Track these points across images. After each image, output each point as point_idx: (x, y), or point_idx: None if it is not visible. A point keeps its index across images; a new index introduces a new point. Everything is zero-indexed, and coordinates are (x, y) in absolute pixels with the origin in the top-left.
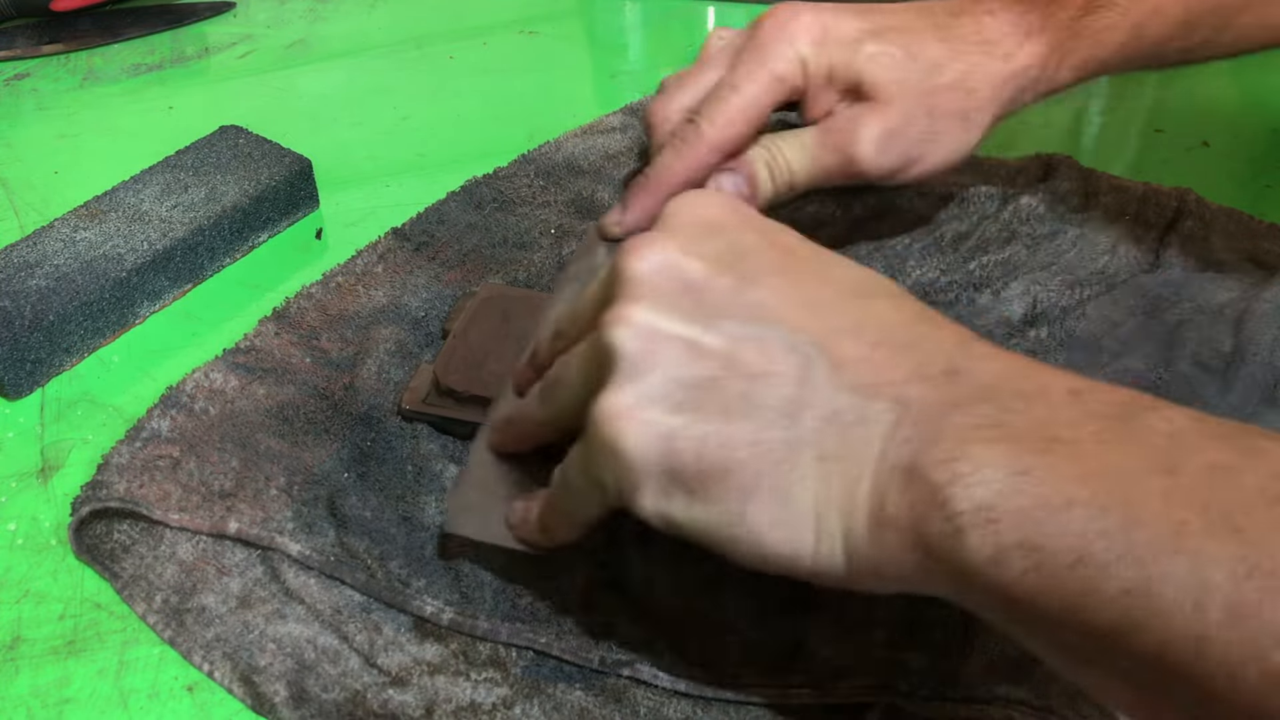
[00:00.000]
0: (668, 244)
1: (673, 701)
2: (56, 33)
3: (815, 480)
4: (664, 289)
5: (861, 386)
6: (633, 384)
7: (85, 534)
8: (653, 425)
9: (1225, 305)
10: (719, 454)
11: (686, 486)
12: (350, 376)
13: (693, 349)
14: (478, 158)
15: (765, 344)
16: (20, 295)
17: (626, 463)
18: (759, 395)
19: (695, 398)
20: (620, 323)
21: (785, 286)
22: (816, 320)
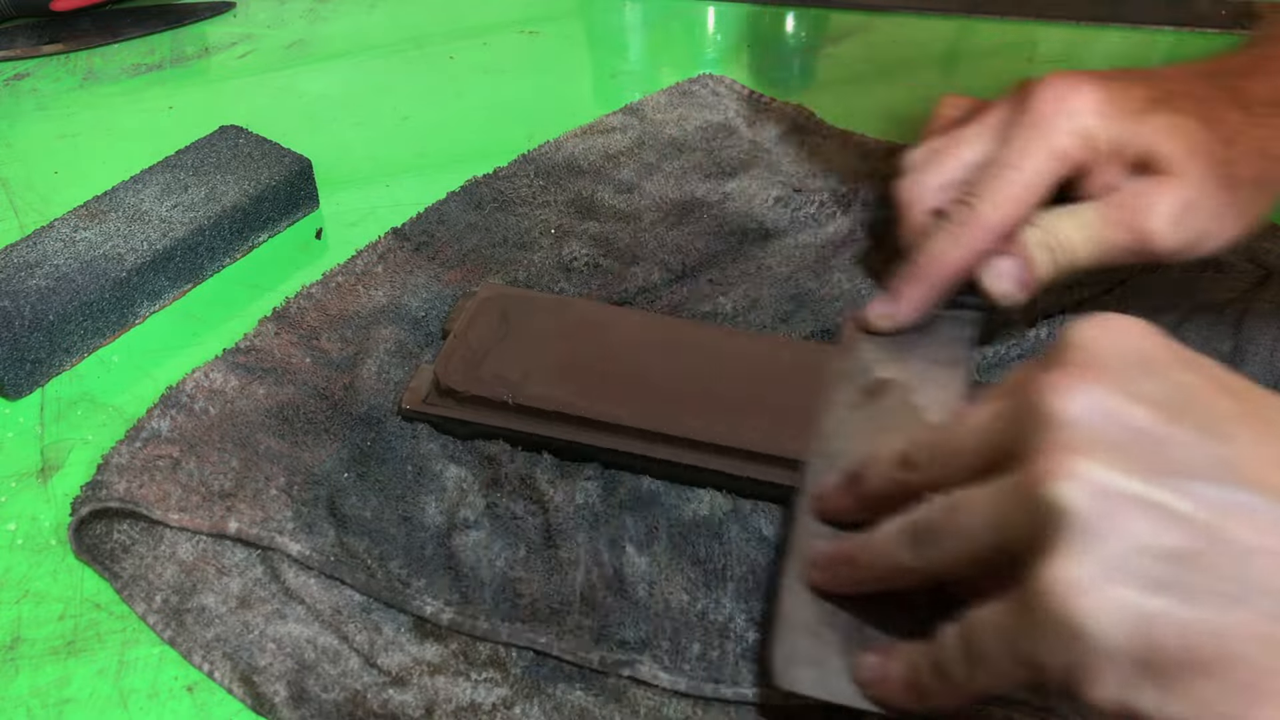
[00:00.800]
0: (1101, 383)
1: (673, 701)
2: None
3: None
4: (1110, 439)
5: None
6: (1092, 553)
7: (85, 534)
8: (1125, 604)
9: (1225, 305)
10: (1215, 645)
11: (1164, 679)
12: (350, 376)
13: (1164, 516)
14: (478, 158)
15: (1256, 515)
16: (20, 295)
17: (1089, 645)
18: (1259, 577)
19: (1175, 575)
20: (1066, 477)
21: (1256, 440)
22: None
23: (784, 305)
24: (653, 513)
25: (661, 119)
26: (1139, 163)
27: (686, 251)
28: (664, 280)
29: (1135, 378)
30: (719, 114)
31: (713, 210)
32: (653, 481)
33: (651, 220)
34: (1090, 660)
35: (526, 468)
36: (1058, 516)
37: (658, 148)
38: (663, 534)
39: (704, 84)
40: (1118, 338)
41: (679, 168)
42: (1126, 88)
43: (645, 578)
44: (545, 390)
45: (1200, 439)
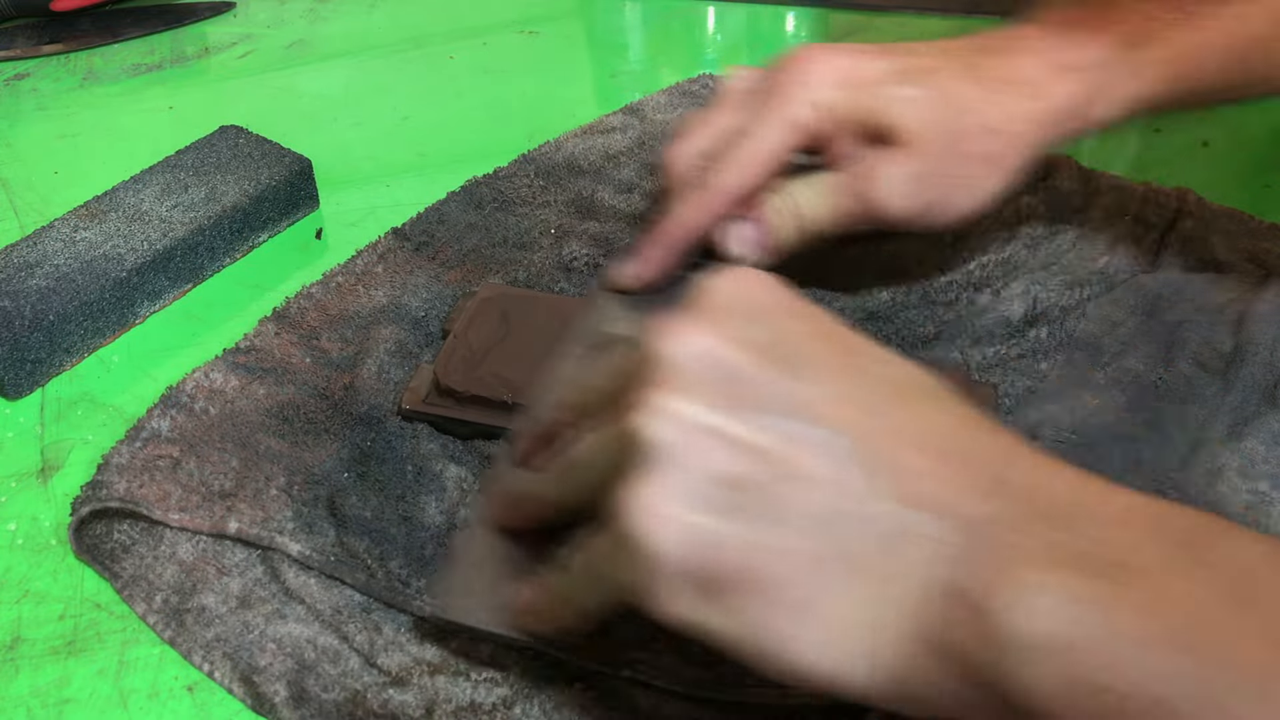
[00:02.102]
0: (707, 328)
1: (673, 701)
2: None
3: (848, 596)
4: (702, 377)
5: (905, 496)
6: (663, 478)
7: (85, 534)
8: (681, 525)
9: (1225, 305)
10: (750, 560)
11: (710, 592)
12: (350, 376)
13: (731, 445)
14: (478, 158)
15: (809, 444)
16: (20, 295)
17: (650, 563)
18: (797, 500)
19: (731, 499)
20: (653, 411)
21: (831, 382)
22: (862, 421)
23: None
24: None
25: (661, 119)
26: (875, 134)
27: None
28: None
29: (741, 324)
30: None
31: None
32: None
33: None
34: (654, 577)
35: None
36: (638, 445)
37: (658, 148)
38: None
39: (704, 84)
40: (738, 287)
41: None
42: (868, 60)
43: None
44: None
45: (781, 378)
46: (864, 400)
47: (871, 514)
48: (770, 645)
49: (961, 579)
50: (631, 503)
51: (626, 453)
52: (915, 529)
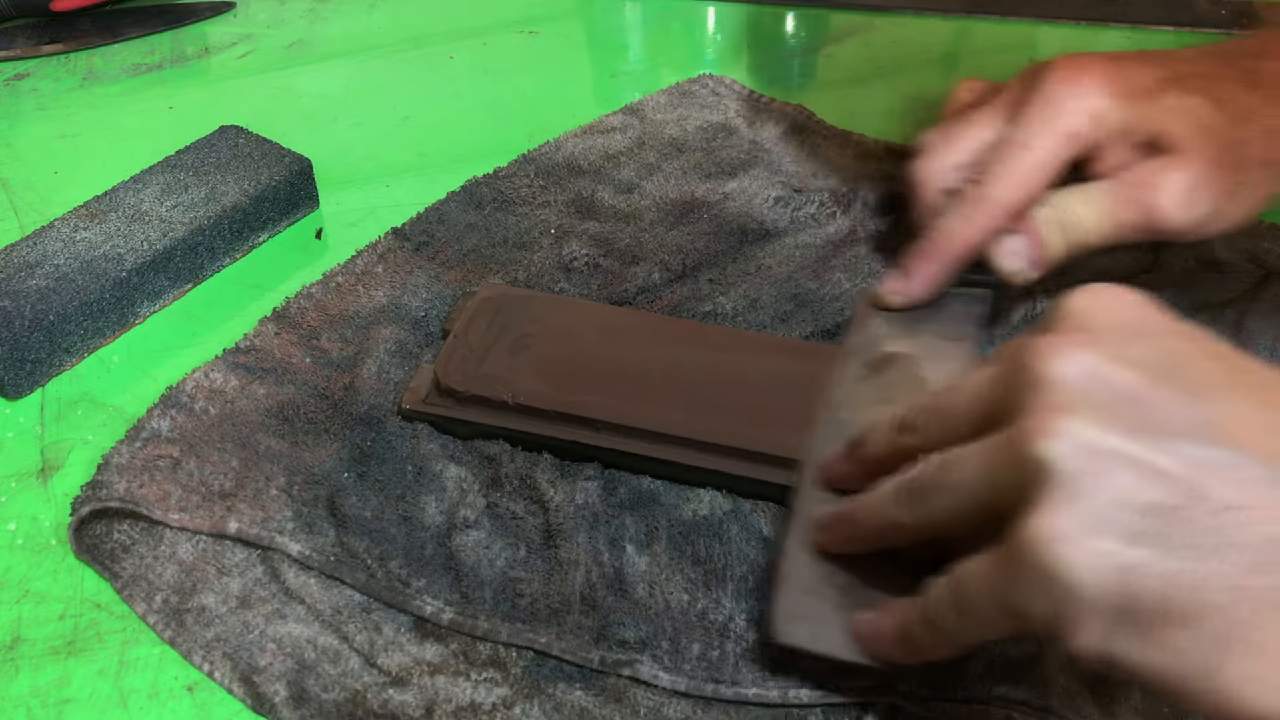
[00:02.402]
0: (1090, 346)
1: (673, 701)
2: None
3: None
4: (1098, 399)
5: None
6: (1075, 506)
7: (85, 534)
8: (1106, 555)
9: (1225, 305)
10: (1192, 596)
11: (1143, 629)
12: (350, 376)
13: (1148, 472)
14: (478, 158)
15: (1235, 471)
16: (20, 295)
17: (1069, 594)
18: (1236, 532)
19: (1154, 528)
20: (1052, 435)
21: (1240, 404)
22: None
23: (784, 305)
24: (653, 513)
25: (661, 119)
26: (1149, 143)
27: (686, 251)
28: (664, 280)
29: (1125, 343)
30: (719, 114)
31: (713, 210)
32: (653, 481)
33: (651, 220)
34: (1072, 609)
35: (526, 468)
36: (1043, 471)
37: (658, 148)
38: (663, 534)
39: (704, 84)
40: (1110, 305)
41: (679, 168)
42: (1136, 68)
43: (645, 578)
44: (545, 390)
45: (1184, 401)
46: (1276, 422)
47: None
48: (1215, 685)
49: None
50: (1042, 532)
51: (1025, 475)
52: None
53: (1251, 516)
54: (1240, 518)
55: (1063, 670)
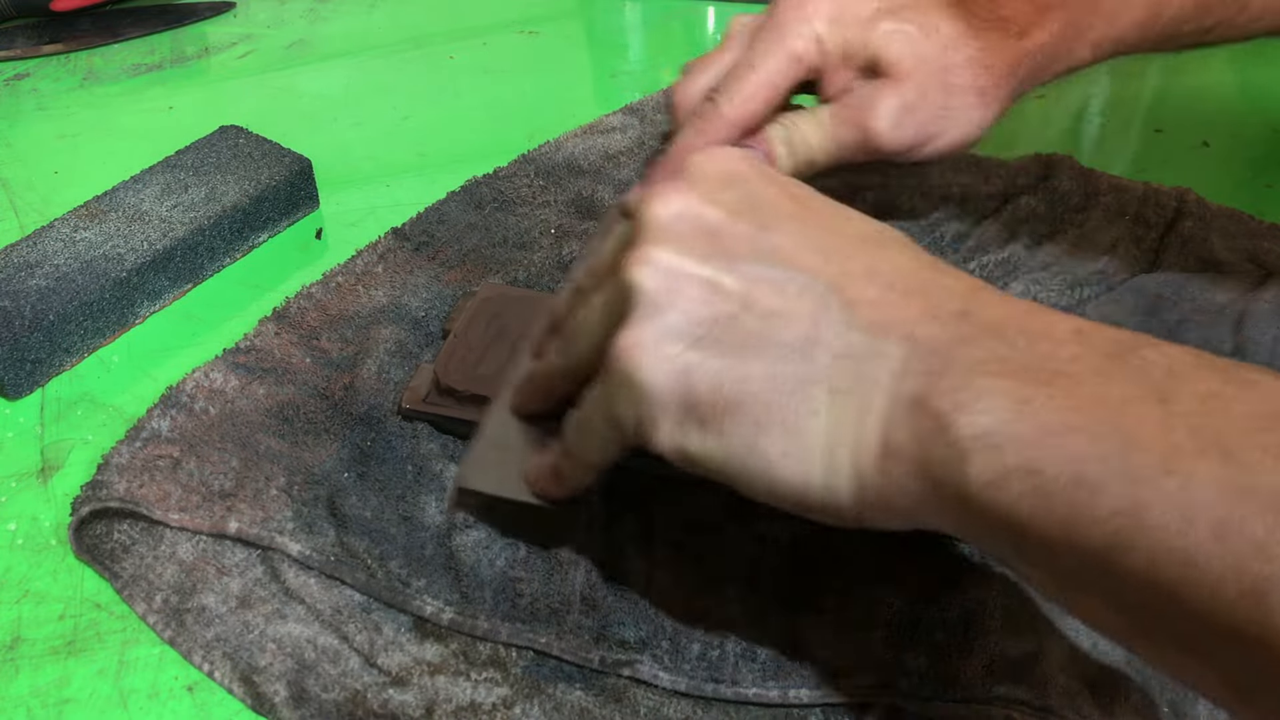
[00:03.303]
0: (688, 192)
1: (673, 701)
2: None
3: (826, 414)
4: (684, 233)
5: (873, 325)
6: (652, 320)
7: (85, 534)
8: (671, 359)
9: (1225, 305)
10: (734, 388)
11: (702, 419)
12: (350, 376)
13: (711, 289)
14: (478, 158)
15: (781, 285)
16: (20, 295)
17: (645, 395)
18: (774, 333)
19: (713, 334)
20: (642, 263)
21: (801, 232)
22: (831, 264)
23: None
24: (653, 513)
25: (661, 119)
26: (867, 67)
27: None
28: None
29: (717, 188)
30: None
31: None
32: (653, 481)
33: None
34: (650, 408)
35: None
36: (632, 294)
37: (658, 148)
38: (663, 534)
39: None
40: (716, 159)
41: None
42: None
43: (645, 578)
44: None
45: (754, 231)
46: (834, 247)
47: (845, 342)
48: (757, 464)
49: (922, 390)
50: (624, 344)
51: (620, 305)
52: (883, 352)
53: (787, 320)
54: (779, 322)
55: (1063, 670)
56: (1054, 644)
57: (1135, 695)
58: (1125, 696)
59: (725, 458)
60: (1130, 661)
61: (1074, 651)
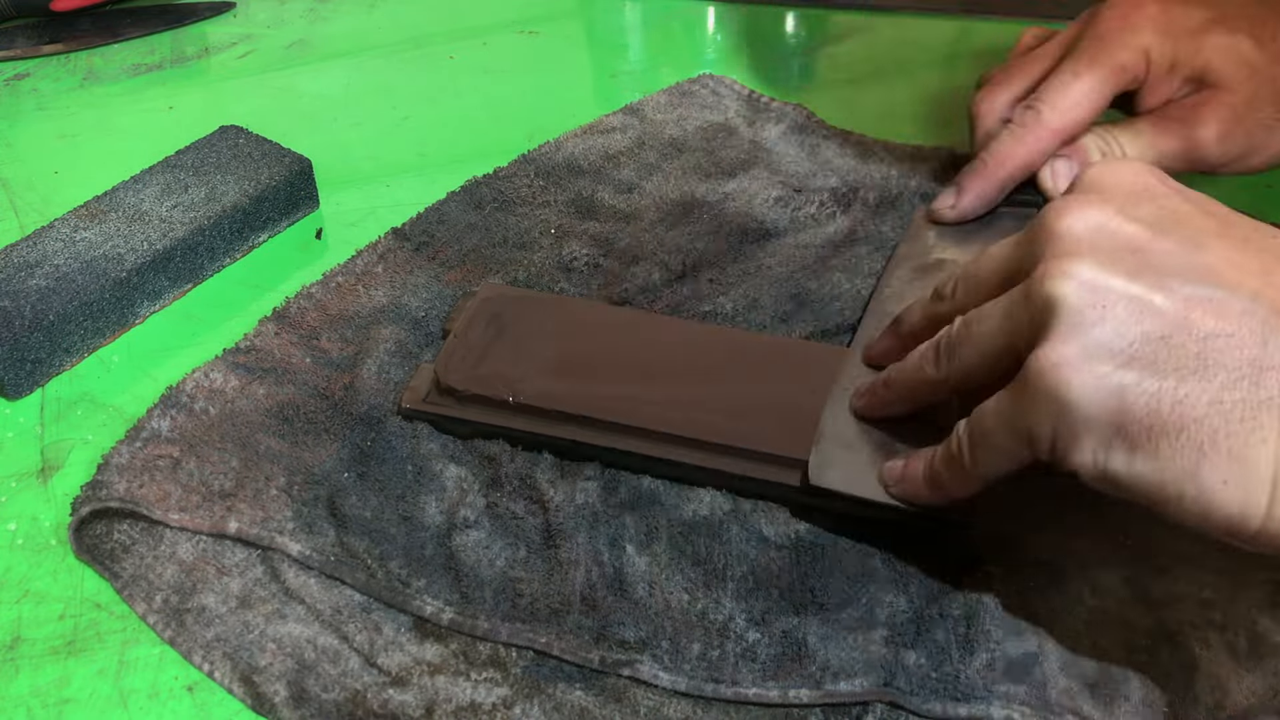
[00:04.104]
0: (1104, 205)
1: (673, 701)
2: (56, 33)
3: (1275, 443)
4: (1104, 247)
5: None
6: (1079, 336)
7: (85, 534)
8: (1103, 378)
9: None
10: (1175, 411)
11: (1133, 442)
12: (350, 376)
13: (1142, 307)
14: (478, 158)
15: (1221, 306)
16: (20, 295)
17: (1071, 413)
18: (1217, 356)
19: (1146, 354)
20: (1062, 276)
21: (1232, 251)
22: (1269, 285)
23: (784, 305)
24: (653, 513)
25: (661, 119)
26: (1194, 78)
27: (686, 251)
28: (664, 280)
29: (1131, 203)
30: (719, 114)
31: (713, 210)
32: (653, 481)
33: (651, 220)
34: (1071, 426)
35: (526, 467)
36: (1052, 308)
37: (658, 148)
38: (663, 534)
39: (704, 84)
40: (1121, 173)
41: (679, 168)
42: (1185, 9)
43: (645, 578)
44: (545, 389)
45: (1180, 249)
46: (1269, 268)
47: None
48: (1193, 491)
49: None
50: (1049, 359)
51: (1037, 315)
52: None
53: (1231, 342)
54: (1221, 344)
55: (1063, 670)
56: (1054, 644)
57: (1135, 695)
58: (1125, 696)
59: (1157, 483)
60: (1130, 661)
61: (1074, 651)
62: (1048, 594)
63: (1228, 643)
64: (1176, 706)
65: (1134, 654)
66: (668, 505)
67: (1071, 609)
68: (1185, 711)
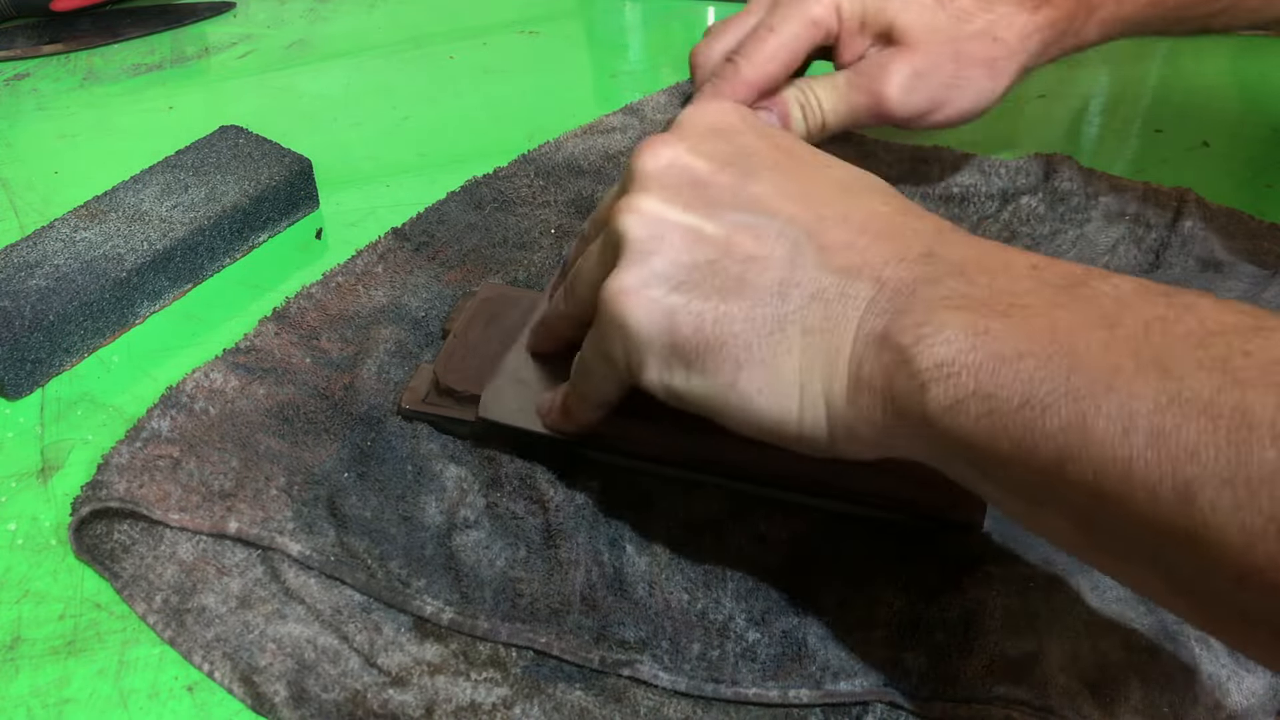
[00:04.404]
0: (677, 144)
1: (673, 701)
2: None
3: (801, 352)
4: (671, 182)
5: (845, 268)
6: (639, 266)
7: (85, 534)
8: (656, 302)
9: None
10: (715, 328)
11: (686, 359)
12: (350, 376)
13: (695, 236)
14: (478, 158)
15: (760, 231)
16: (20, 295)
17: (633, 336)
18: (752, 277)
19: (696, 278)
20: (630, 211)
21: (781, 181)
22: (808, 210)
23: None
24: (653, 513)
25: (661, 119)
26: (882, 35)
27: None
28: None
29: (704, 140)
30: None
31: None
32: (653, 481)
33: None
34: (638, 349)
35: (526, 467)
36: (620, 241)
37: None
38: (663, 534)
39: None
40: (705, 113)
41: None
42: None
43: (645, 578)
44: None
45: (736, 181)
46: (812, 195)
47: (818, 284)
48: (738, 400)
49: (887, 327)
50: (613, 288)
51: (612, 253)
52: (853, 293)
53: (766, 264)
54: (758, 266)
55: (1063, 670)
56: (1054, 644)
57: (1135, 695)
58: (1125, 697)
59: (709, 394)
60: (1130, 661)
61: (1074, 651)
62: (1048, 594)
63: None
64: (1176, 706)
65: (1134, 654)
66: (668, 505)
67: (1071, 609)
68: (1185, 711)
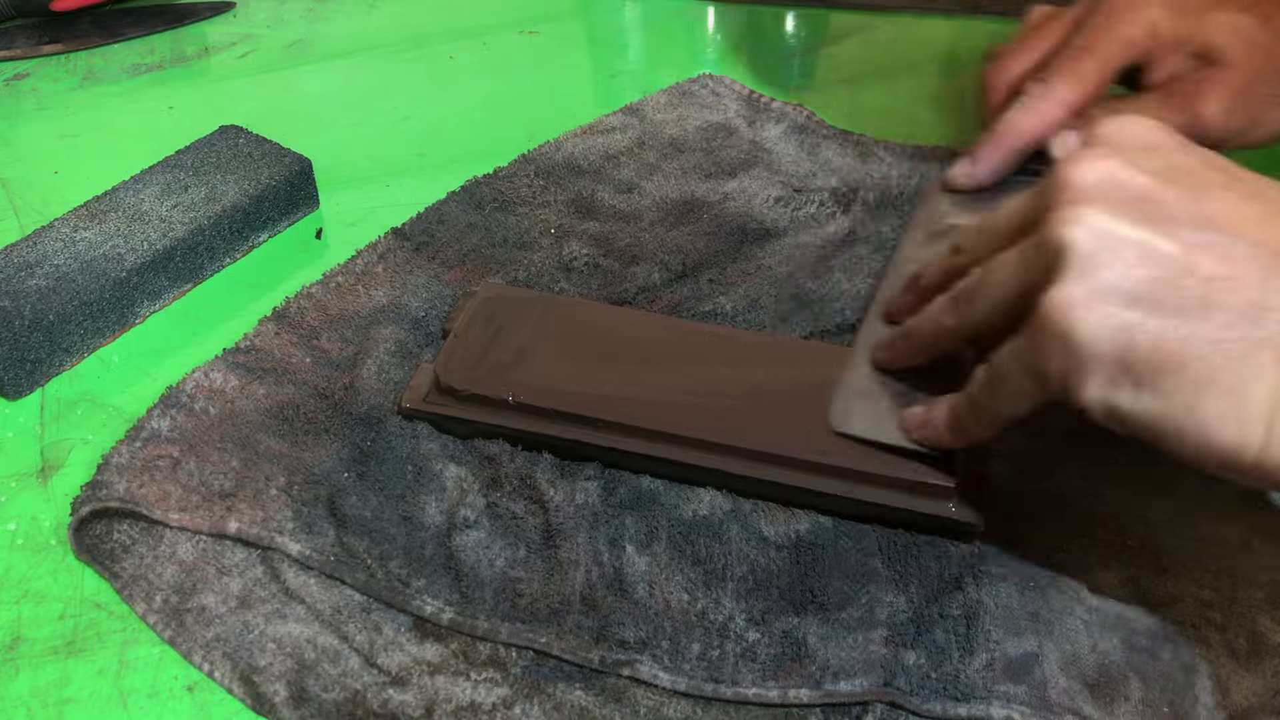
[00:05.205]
0: (1110, 157)
1: (673, 701)
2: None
3: (1273, 379)
4: (1113, 196)
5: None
6: (1087, 278)
7: (85, 534)
8: (1109, 316)
9: None
10: (1177, 348)
11: (1137, 378)
12: (350, 376)
13: (1147, 251)
14: (478, 158)
15: (1223, 250)
16: (20, 295)
17: (1079, 350)
18: (1219, 297)
19: (1152, 295)
20: (1073, 222)
21: (1235, 201)
22: (1271, 233)
23: (784, 305)
24: (653, 513)
25: (661, 119)
26: (1198, 54)
27: (686, 251)
28: (664, 280)
29: (1140, 156)
30: (719, 114)
31: (713, 210)
32: (653, 481)
33: (651, 220)
34: (1080, 364)
35: (526, 467)
36: (1063, 252)
37: (658, 148)
38: (663, 534)
39: (704, 84)
40: (1131, 128)
41: (679, 168)
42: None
43: (645, 578)
44: (545, 389)
45: (1185, 198)
46: (1271, 216)
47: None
48: (1192, 425)
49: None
50: (1058, 300)
51: (1049, 260)
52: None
53: (1233, 285)
54: (1223, 286)
55: (1063, 670)
56: (1054, 644)
57: (1135, 695)
58: (1125, 697)
59: (1159, 417)
60: (1130, 661)
61: (1074, 651)
62: (1048, 594)
63: (1228, 643)
64: (1176, 706)
65: (1134, 654)
66: (668, 505)
67: (1071, 609)
68: (1185, 711)
